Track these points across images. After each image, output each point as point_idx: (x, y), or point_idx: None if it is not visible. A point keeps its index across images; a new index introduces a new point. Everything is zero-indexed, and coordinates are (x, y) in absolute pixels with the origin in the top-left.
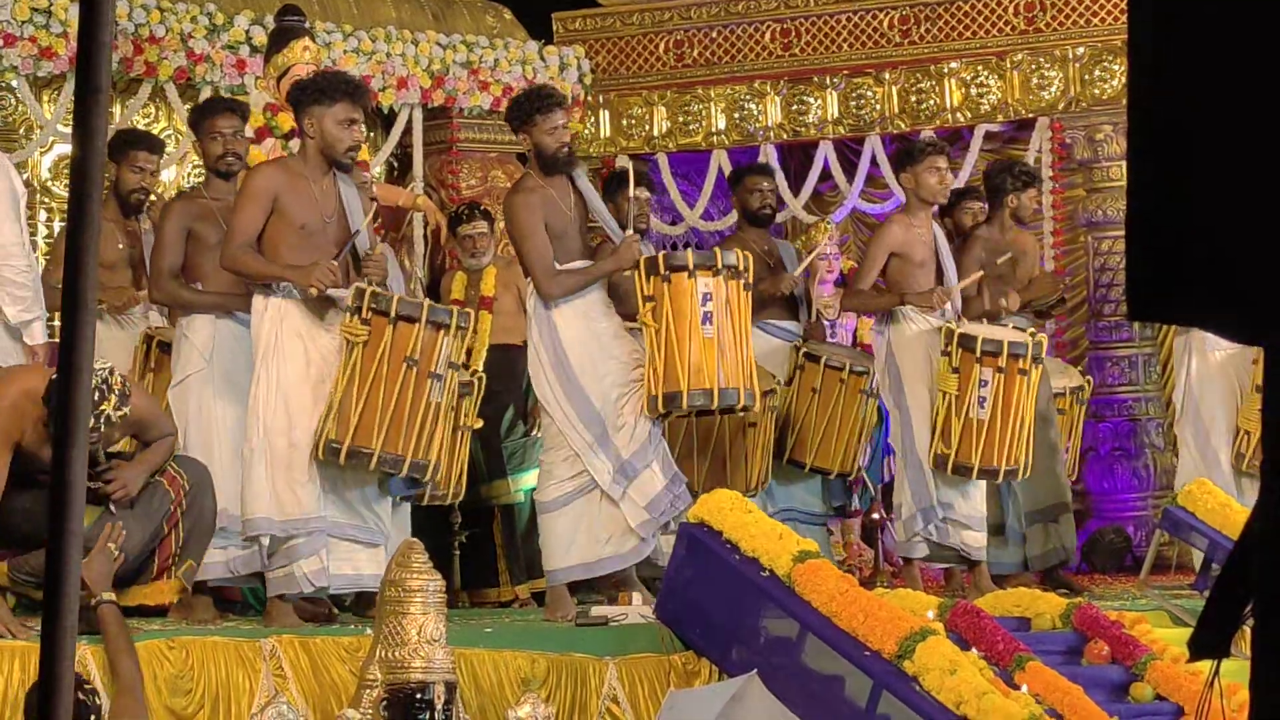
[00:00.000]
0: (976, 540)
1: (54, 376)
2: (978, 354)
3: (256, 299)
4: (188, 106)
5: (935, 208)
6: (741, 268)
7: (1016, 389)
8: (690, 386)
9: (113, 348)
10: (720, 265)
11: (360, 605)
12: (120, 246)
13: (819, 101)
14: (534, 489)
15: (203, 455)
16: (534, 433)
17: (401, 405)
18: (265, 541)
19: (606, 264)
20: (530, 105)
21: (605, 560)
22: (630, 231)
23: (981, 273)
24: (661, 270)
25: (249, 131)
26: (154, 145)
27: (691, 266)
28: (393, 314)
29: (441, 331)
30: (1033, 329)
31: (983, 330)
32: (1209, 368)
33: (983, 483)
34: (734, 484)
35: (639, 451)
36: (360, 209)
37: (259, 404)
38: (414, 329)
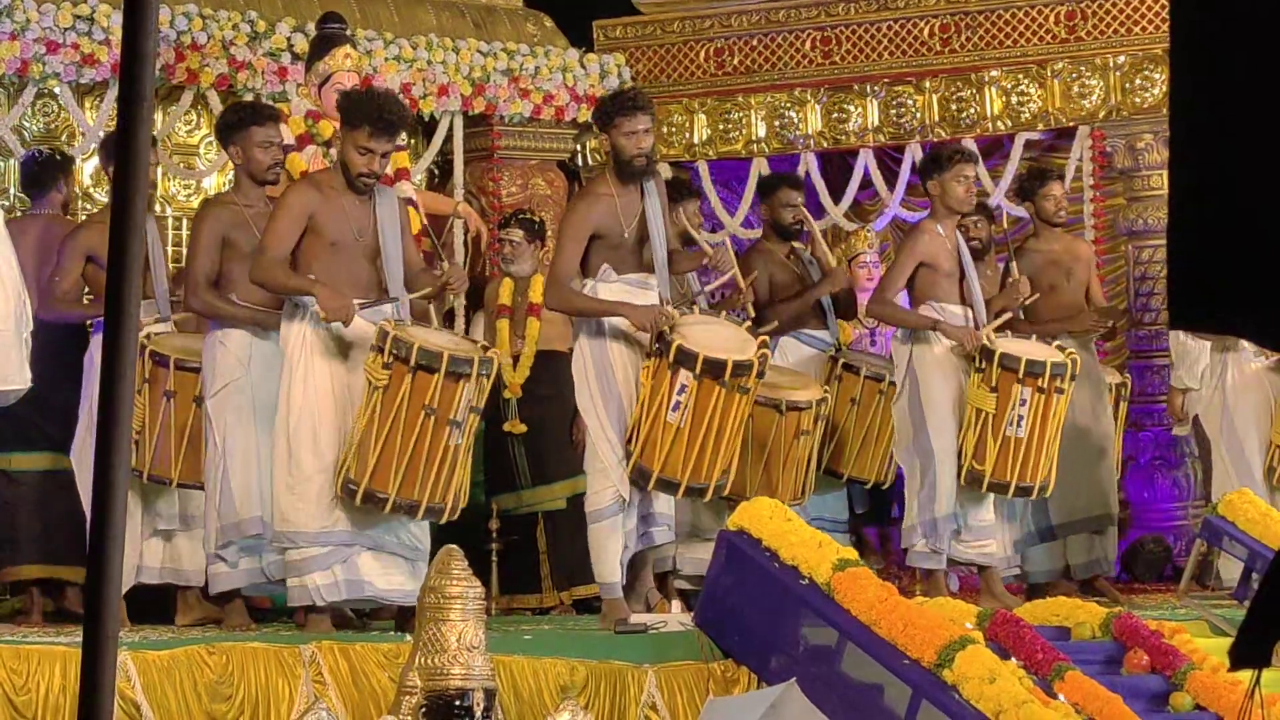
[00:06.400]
0: (986, 548)
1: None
2: (1020, 375)
3: (284, 320)
4: None
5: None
6: (734, 375)
7: (1053, 407)
8: (661, 472)
9: None
10: (700, 370)
11: (398, 619)
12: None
13: (859, 109)
14: (580, 495)
15: (241, 465)
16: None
17: (419, 452)
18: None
19: (623, 309)
20: (613, 106)
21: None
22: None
23: (1010, 315)
24: (652, 348)
25: (290, 138)
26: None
27: (672, 359)
28: (413, 363)
29: (462, 381)
30: (1060, 344)
31: (1024, 350)
32: (1244, 379)
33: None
34: (780, 492)
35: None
36: (395, 226)
37: (286, 419)
38: (433, 379)
